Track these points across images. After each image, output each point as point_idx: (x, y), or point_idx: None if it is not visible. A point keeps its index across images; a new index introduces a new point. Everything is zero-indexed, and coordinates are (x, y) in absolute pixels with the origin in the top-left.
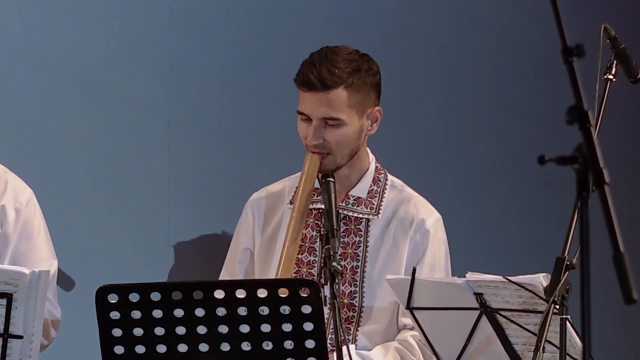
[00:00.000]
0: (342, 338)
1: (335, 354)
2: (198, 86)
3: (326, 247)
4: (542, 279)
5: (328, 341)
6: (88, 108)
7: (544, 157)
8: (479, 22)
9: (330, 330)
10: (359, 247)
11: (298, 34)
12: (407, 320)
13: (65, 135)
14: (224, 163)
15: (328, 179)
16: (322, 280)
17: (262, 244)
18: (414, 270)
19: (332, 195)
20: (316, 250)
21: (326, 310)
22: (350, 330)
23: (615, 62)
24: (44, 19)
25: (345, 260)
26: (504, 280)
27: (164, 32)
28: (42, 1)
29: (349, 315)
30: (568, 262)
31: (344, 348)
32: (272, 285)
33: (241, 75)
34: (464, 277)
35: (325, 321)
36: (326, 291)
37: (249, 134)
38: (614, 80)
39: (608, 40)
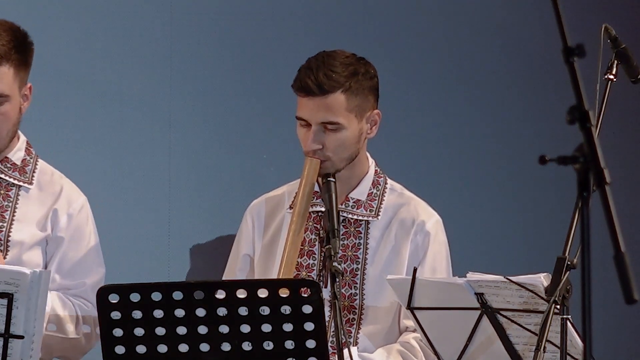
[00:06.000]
0: (344, 341)
1: (336, 355)
2: (199, 86)
3: (327, 247)
4: (542, 279)
5: (329, 344)
6: (89, 108)
7: (545, 157)
8: (478, 23)
9: (332, 332)
10: (359, 249)
11: (298, 33)
12: (409, 322)
13: (66, 135)
14: (225, 163)
15: (329, 179)
16: (322, 284)
17: (262, 250)
18: (415, 270)
19: (333, 195)
20: (315, 254)
21: (327, 313)
22: (352, 332)
23: (616, 62)
24: (45, 18)
25: (345, 263)
26: (505, 280)
27: (165, 32)
28: (43, 1)
29: (349, 318)
30: (569, 262)
31: (345, 351)
32: (272, 285)
33: (242, 75)
34: (465, 277)
35: (326, 323)
36: (325, 294)
37: (250, 134)
38: (614, 80)
39: (609, 40)
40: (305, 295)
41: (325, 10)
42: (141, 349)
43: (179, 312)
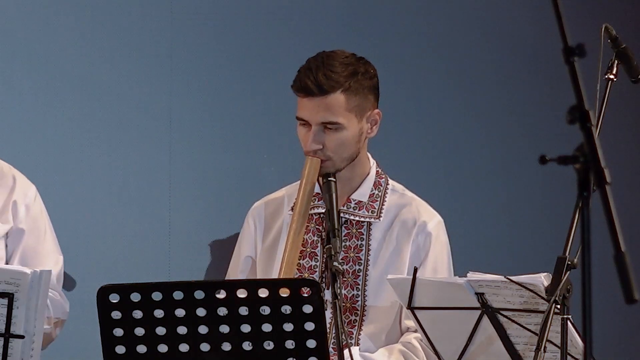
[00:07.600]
0: (345, 342)
1: (337, 355)
2: (199, 86)
3: (327, 246)
4: (543, 279)
5: (331, 345)
6: (89, 108)
7: (545, 156)
8: (479, 23)
9: (333, 334)
10: (361, 250)
11: (298, 33)
12: (410, 322)
13: (67, 135)
14: (225, 163)
15: (329, 178)
16: (324, 285)
17: (263, 251)
18: (415, 270)
19: (334, 195)
20: (317, 255)
21: (328, 315)
22: (353, 333)
23: (616, 61)
24: (46, 18)
25: (347, 264)
26: (505, 280)
27: (165, 32)
28: (43, 1)
29: (351, 319)
30: (569, 262)
31: (346, 351)
32: (273, 284)
33: (242, 75)
34: (465, 276)
35: (328, 324)
36: (327, 295)
37: (250, 133)
38: (615, 79)
39: (609, 40)
40: (306, 295)
41: (325, 10)
42: (141, 348)
43: (180, 312)
